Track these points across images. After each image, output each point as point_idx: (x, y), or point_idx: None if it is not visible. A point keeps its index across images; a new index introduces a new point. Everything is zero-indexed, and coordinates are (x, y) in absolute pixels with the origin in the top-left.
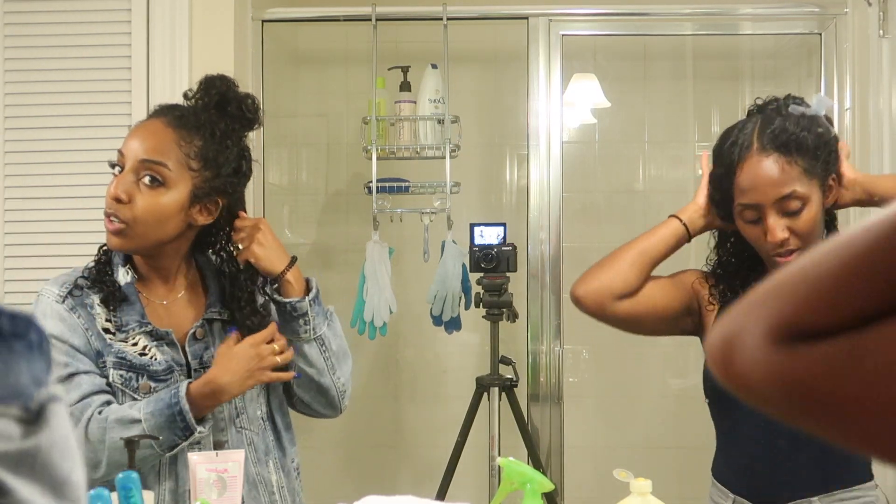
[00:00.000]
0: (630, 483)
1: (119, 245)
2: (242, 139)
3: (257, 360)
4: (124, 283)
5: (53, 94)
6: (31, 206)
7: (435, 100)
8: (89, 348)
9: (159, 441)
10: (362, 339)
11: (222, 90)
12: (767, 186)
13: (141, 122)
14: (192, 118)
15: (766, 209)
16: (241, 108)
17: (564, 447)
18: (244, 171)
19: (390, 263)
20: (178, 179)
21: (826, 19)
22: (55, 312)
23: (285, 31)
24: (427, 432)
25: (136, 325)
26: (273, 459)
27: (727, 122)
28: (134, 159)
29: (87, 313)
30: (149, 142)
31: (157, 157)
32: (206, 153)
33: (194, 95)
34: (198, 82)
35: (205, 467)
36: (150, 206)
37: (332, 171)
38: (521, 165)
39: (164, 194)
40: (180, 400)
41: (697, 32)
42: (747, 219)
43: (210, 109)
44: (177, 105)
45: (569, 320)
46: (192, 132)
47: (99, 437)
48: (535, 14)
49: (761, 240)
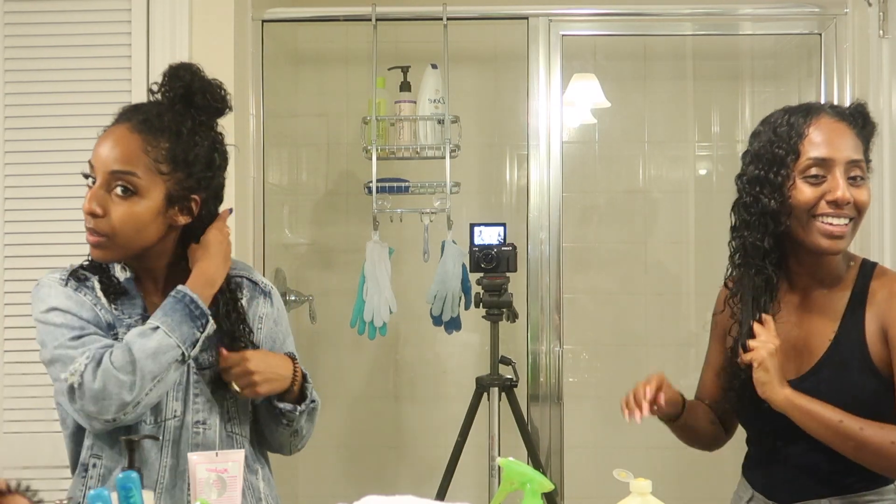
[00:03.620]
0: (630, 483)
1: (103, 257)
2: (213, 130)
3: (226, 243)
4: (123, 279)
5: (53, 94)
6: (31, 206)
7: (435, 100)
8: (99, 320)
9: (180, 345)
10: (362, 339)
11: (187, 80)
12: (842, 145)
13: (107, 128)
14: (156, 121)
15: (835, 166)
16: (208, 98)
17: (564, 447)
18: (218, 163)
19: (390, 263)
20: (150, 186)
21: (826, 19)
22: (60, 291)
23: (285, 31)
24: (427, 432)
25: (138, 318)
26: (261, 467)
27: (727, 122)
28: (104, 171)
29: (92, 294)
30: (115, 151)
31: (126, 167)
32: (174, 155)
33: (160, 89)
34: (162, 73)
35: (205, 467)
36: (125, 216)
37: (332, 171)
38: (521, 165)
39: (137, 203)
40: (186, 292)
41: (697, 32)
42: (811, 174)
43: (175, 104)
44: (140, 106)
45: (569, 320)
46: (158, 135)
47: (125, 358)
48: (535, 14)
49: (812, 201)
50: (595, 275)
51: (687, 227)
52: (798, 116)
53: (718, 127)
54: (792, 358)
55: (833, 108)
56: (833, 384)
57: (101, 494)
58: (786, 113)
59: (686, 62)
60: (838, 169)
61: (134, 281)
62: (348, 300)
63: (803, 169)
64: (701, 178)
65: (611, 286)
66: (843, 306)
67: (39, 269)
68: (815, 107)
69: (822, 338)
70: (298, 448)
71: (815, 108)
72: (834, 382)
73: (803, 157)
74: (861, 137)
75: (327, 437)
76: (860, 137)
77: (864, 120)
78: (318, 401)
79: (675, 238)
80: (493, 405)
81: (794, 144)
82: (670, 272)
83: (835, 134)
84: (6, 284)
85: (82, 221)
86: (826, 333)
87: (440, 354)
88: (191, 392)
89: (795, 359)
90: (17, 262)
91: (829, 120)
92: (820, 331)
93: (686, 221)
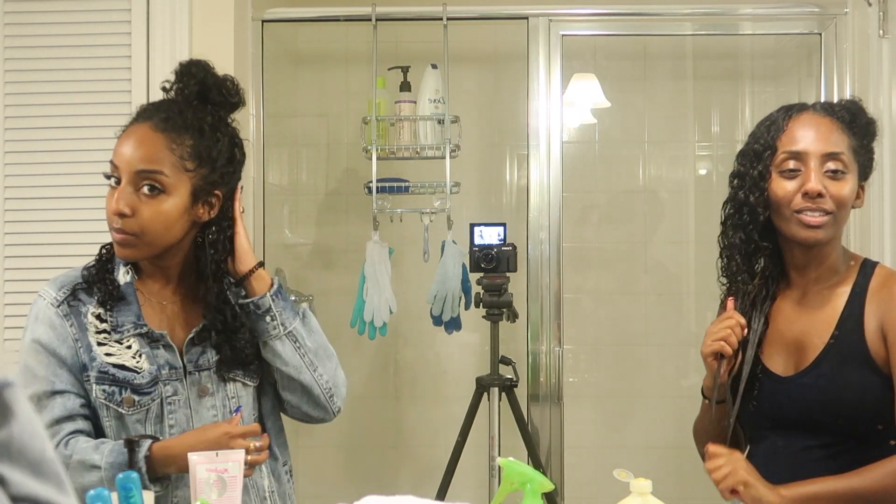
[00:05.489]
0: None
1: (130, 255)
2: (230, 125)
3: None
4: (123, 283)
5: (53, 94)
6: (31, 206)
7: (435, 100)
8: (76, 360)
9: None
10: (362, 339)
11: (200, 77)
12: (817, 138)
13: (127, 127)
14: (178, 118)
15: (810, 159)
16: (223, 93)
17: (564, 447)
18: (238, 157)
19: (390, 263)
20: (177, 183)
21: (826, 19)
22: (47, 318)
23: (285, 31)
24: (427, 432)
25: (131, 327)
26: (265, 464)
27: (727, 122)
28: (129, 171)
29: (80, 323)
30: (141, 150)
31: (153, 166)
32: (199, 151)
33: (173, 86)
34: (174, 72)
35: (205, 467)
36: (154, 214)
37: (332, 171)
38: (521, 165)
39: (165, 201)
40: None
41: (697, 32)
42: (786, 168)
43: (192, 101)
44: (160, 105)
45: (569, 320)
46: (182, 132)
47: None
48: (535, 14)
49: (790, 196)
50: (595, 275)
51: (687, 227)
52: (782, 112)
53: (718, 127)
54: (791, 353)
55: (822, 105)
56: (832, 379)
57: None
58: (776, 111)
59: (686, 62)
60: (813, 161)
61: (135, 284)
62: (348, 300)
63: (779, 163)
64: (701, 178)
65: (611, 286)
66: (842, 303)
67: (39, 269)
68: (802, 104)
69: (821, 333)
70: (327, 389)
71: (802, 105)
72: (833, 377)
73: (779, 151)
74: (849, 133)
75: (327, 437)
76: (848, 133)
77: (855, 116)
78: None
79: (675, 238)
80: (493, 405)
81: (772, 139)
82: (670, 272)
83: (813, 128)
84: (6, 285)
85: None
86: (825, 329)
87: (440, 354)
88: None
89: (795, 354)
90: (17, 262)
91: (811, 115)
92: (819, 326)
93: (686, 221)
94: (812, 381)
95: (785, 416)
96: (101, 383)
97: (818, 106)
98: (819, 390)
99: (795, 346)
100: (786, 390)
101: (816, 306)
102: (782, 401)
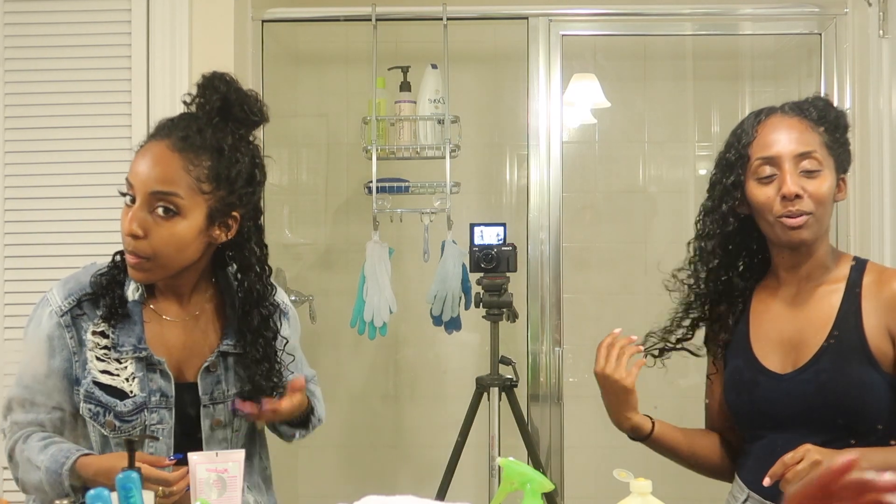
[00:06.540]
0: (630, 483)
1: (143, 278)
2: (251, 143)
3: None
4: (131, 301)
5: (53, 94)
6: (31, 206)
7: (435, 100)
8: (69, 372)
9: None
10: (362, 339)
11: (223, 91)
12: (789, 140)
13: (144, 144)
14: (196, 138)
15: (784, 162)
16: (245, 110)
17: (564, 447)
18: (258, 178)
19: (390, 263)
20: (192, 205)
21: (826, 19)
22: (48, 326)
23: (285, 31)
24: (427, 432)
25: (131, 349)
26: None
27: (727, 122)
28: (144, 191)
29: (80, 337)
30: (156, 170)
31: (168, 188)
32: (217, 173)
33: (194, 100)
34: (196, 84)
35: (205, 467)
36: (167, 237)
37: (332, 171)
38: (521, 165)
39: (179, 223)
40: (63, 473)
41: (697, 32)
42: (762, 175)
43: (213, 117)
44: (178, 122)
45: (569, 320)
46: (200, 153)
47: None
48: (535, 14)
49: (771, 201)
50: (595, 275)
51: (687, 227)
52: (751, 119)
53: (718, 127)
54: (788, 351)
55: (790, 105)
56: (832, 374)
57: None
58: (746, 117)
59: (686, 62)
60: (787, 163)
61: (145, 302)
62: (348, 300)
63: (755, 170)
64: (701, 178)
65: (610, 286)
66: (837, 300)
67: (39, 269)
68: (770, 108)
69: (818, 330)
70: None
71: (770, 109)
72: (833, 372)
73: (753, 158)
74: (820, 129)
75: (327, 437)
76: (819, 129)
77: (823, 111)
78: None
79: (675, 238)
80: (493, 405)
81: (744, 148)
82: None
83: (784, 130)
84: (6, 285)
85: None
86: (822, 326)
87: (440, 354)
88: None
89: (791, 352)
90: (17, 262)
91: (780, 118)
92: (815, 323)
93: (686, 221)
94: (812, 377)
95: (784, 413)
96: (88, 402)
97: (786, 107)
98: (819, 386)
99: (791, 344)
100: (784, 387)
101: (811, 304)
102: (781, 398)
